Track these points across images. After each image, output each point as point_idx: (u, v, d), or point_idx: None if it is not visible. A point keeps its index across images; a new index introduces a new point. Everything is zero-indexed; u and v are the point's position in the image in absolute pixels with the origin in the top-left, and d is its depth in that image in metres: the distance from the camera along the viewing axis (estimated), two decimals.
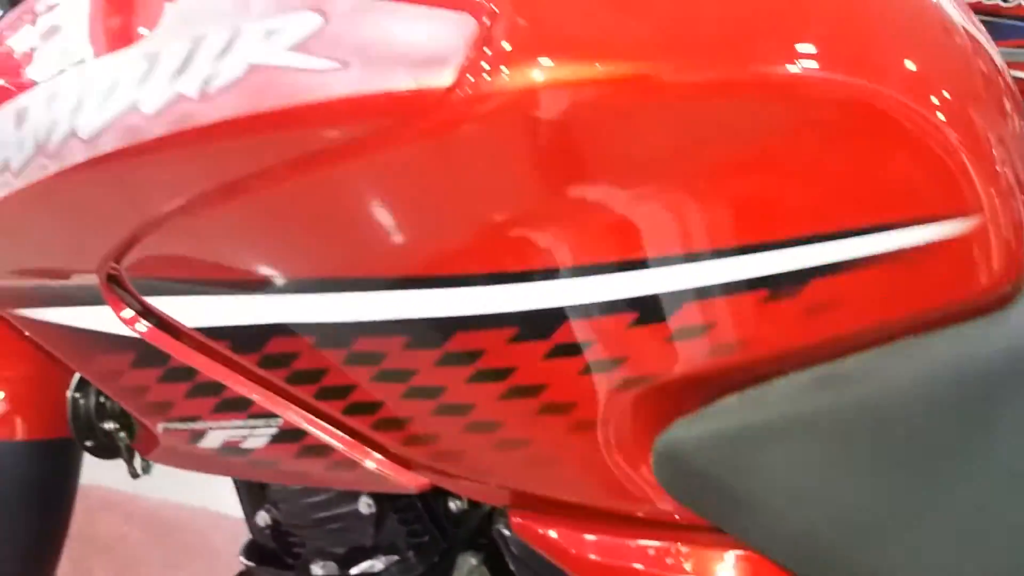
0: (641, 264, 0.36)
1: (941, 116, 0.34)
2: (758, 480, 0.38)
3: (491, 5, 0.31)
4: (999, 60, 0.43)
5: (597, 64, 0.32)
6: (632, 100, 0.32)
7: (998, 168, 0.37)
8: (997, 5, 1.31)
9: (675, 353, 0.37)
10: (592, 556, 0.42)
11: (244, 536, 1.46)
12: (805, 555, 0.39)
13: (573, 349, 0.38)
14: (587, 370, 0.38)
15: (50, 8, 0.40)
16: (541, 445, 0.41)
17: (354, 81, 0.32)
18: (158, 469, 1.09)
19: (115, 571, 1.21)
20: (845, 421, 0.38)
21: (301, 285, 0.41)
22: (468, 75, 0.31)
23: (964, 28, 0.40)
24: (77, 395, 0.64)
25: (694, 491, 0.39)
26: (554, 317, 0.37)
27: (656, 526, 0.43)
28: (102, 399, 0.65)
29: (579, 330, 0.37)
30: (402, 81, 0.31)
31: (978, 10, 1.35)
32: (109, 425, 0.64)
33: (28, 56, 0.39)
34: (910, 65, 0.35)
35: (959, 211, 0.35)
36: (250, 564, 0.69)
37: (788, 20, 0.34)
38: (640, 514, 0.42)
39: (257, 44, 0.32)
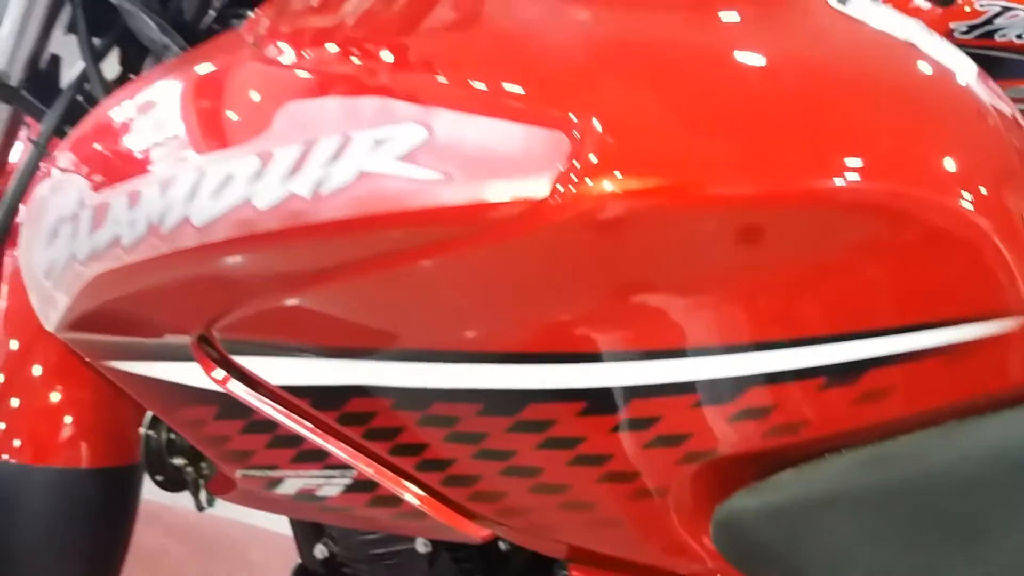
0: (710, 351, 0.38)
1: (984, 220, 0.37)
2: (810, 551, 0.41)
3: (581, 124, 0.34)
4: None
5: (671, 179, 0.35)
6: (701, 210, 0.35)
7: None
8: (1011, 42, 1.33)
9: (737, 431, 0.40)
10: None
11: (280, 550, 1.49)
12: None
13: (639, 424, 0.41)
14: (652, 444, 0.41)
15: (157, 97, 0.44)
16: (604, 509, 0.44)
17: (456, 192, 0.35)
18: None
19: None
20: (891, 499, 0.40)
21: (384, 354, 0.44)
22: (560, 187, 0.34)
23: (995, 108, 0.42)
24: (150, 432, 0.68)
25: (751, 559, 0.42)
26: (623, 395, 0.40)
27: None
28: (172, 436, 0.68)
29: (646, 408, 0.40)
30: (500, 193, 0.34)
31: (993, 47, 1.37)
32: (178, 461, 0.68)
33: (139, 142, 0.43)
34: (949, 167, 0.38)
35: (1004, 312, 0.37)
36: None
37: (837, 135, 0.36)
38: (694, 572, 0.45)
39: (367, 153, 0.35)
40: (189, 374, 0.49)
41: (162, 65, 0.49)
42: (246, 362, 0.48)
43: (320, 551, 0.68)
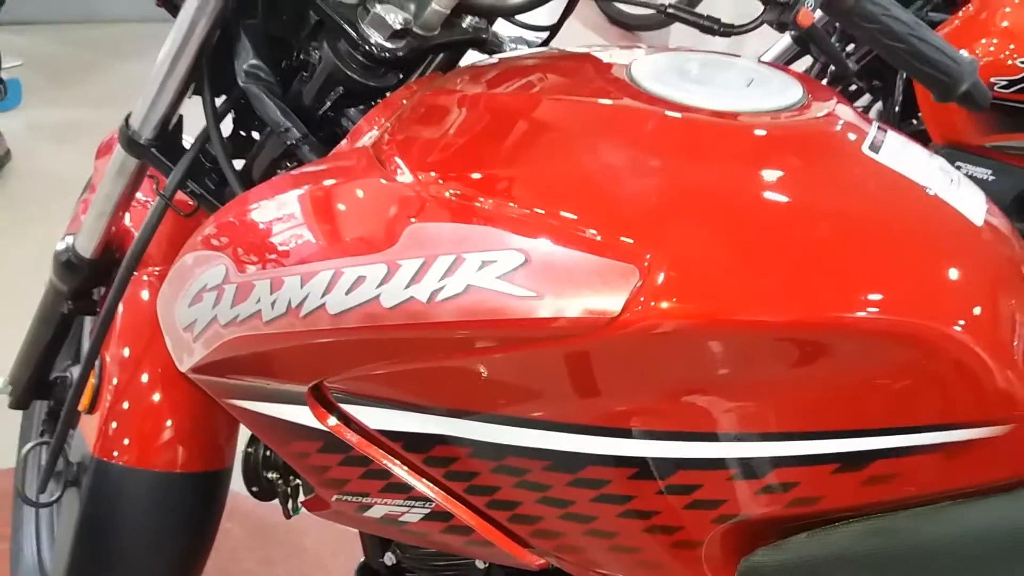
0: (745, 438, 0.47)
1: (979, 347, 0.44)
2: None
3: (650, 258, 0.43)
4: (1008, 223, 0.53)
5: (717, 307, 0.43)
6: (739, 332, 0.44)
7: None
8: None
9: (762, 501, 0.48)
10: None
11: (331, 538, 1.60)
12: None
13: (683, 490, 0.49)
14: (691, 505, 0.49)
15: (298, 201, 0.53)
16: (647, 553, 0.53)
17: (545, 307, 0.43)
18: None
19: (219, 561, 1.36)
20: (890, 563, 0.48)
21: (467, 414, 0.52)
22: (630, 307, 0.43)
23: (999, 239, 0.50)
24: (249, 450, 0.78)
25: None
26: (672, 465, 0.49)
27: None
28: (268, 453, 0.78)
29: (689, 477, 0.48)
30: (581, 311, 0.43)
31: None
32: (272, 475, 0.77)
33: (282, 238, 0.52)
34: (950, 301, 0.45)
35: (993, 420, 0.45)
36: None
37: (858, 274, 0.44)
38: None
39: (474, 271, 0.44)
40: (300, 415, 0.58)
41: (299, 171, 0.57)
42: (350, 409, 0.57)
43: (388, 558, 0.77)
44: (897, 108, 1.52)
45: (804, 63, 1.59)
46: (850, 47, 1.61)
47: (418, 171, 0.49)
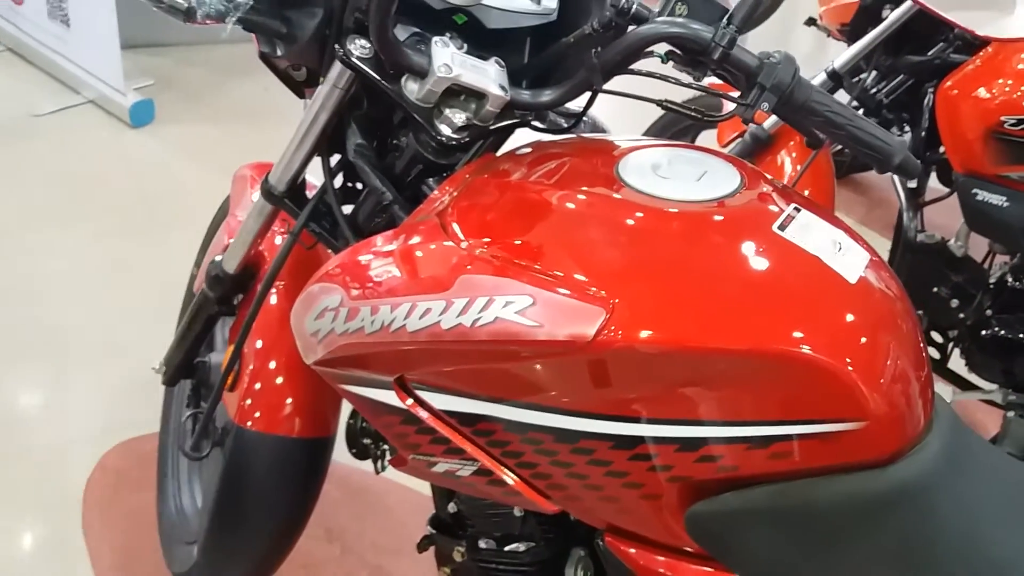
0: (687, 423, 0.68)
1: (852, 372, 0.64)
2: (743, 545, 0.71)
3: (612, 303, 0.65)
4: (890, 280, 0.73)
5: (666, 335, 0.65)
6: (676, 352, 0.65)
7: (887, 386, 0.66)
8: None
9: (699, 468, 0.70)
10: (645, 562, 0.76)
11: (410, 501, 1.87)
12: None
13: (644, 458, 0.71)
14: (650, 470, 0.71)
15: (389, 253, 0.77)
16: (624, 504, 0.75)
17: (544, 333, 0.66)
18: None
19: (319, 516, 1.64)
20: (790, 519, 0.69)
21: (500, 400, 0.75)
22: (599, 334, 0.65)
23: (877, 289, 0.70)
24: (351, 421, 1.04)
25: (706, 541, 0.72)
26: (634, 441, 0.71)
27: (690, 555, 0.75)
28: (364, 424, 1.04)
29: (647, 449, 0.70)
30: (567, 336, 0.66)
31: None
32: (366, 440, 1.03)
33: (378, 277, 0.77)
34: (829, 339, 0.65)
35: (854, 418, 0.66)
36: (434, 532, 1.07)
37: (749, 316, 0.65)
38: (682, 547, 0.75)
39: (500, 308, 0.68)
40: (389, 397, 0.82)
41: (390, 232, 0.82)
42: (422, 394, 0.81)
43: (452, 507, 1.02)
44: (923, 135, 1.67)
45: None
46: (880, 84, 1.77)
47: (469, 237, 0.73)
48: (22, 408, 1.77)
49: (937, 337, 1.85)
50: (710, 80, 0.87)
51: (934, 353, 1.85)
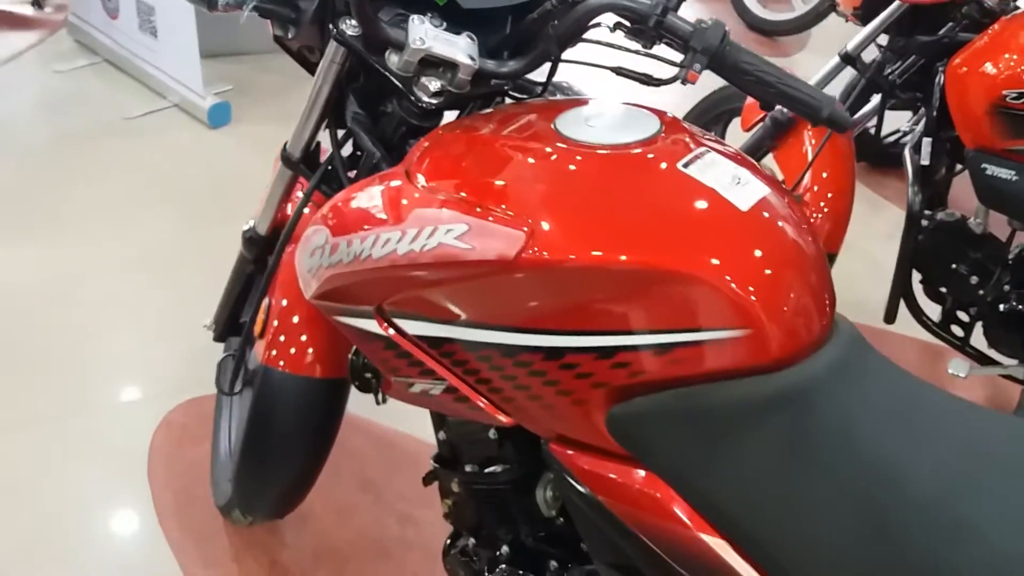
0: (598, 333, 0.79)
1: (732, 280, 0.74)
2: (650, 439, 0.81)
3: (530, 224, 0.77)
4: (789, 211, 0.81)
5: (568, 253, 0.76)
6: (585, 268, 0.76)
7: (771, 298, 0.75)
8: None
9: (614, 374, 0.80)
10: (580, 463, 0.86)
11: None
12: (678, 472, 0.80)
13: (569, 367, 0.82)
14: (576, 377, 0.82)
15: (367, 195, 0.91)
16: (559, 410, 0.85)
17: (478, 253, 0.79)
18: (389, 413, 1.63)
19: (357, 469, 1.79)
20: (693, 418, 0.79)
21: (455, 323, 0.88)
22: (520, 253, 0.77)
23: (757, 207, 0.78)
24: (354, 357, 1.18)
25: (625, 441, 0.82)
26: (561, 352, 0.82)
27: (616, 456, 0.85)
28: (366, 360, 1.18)
29: (571, 359, 0.81)
30: (495, 255, 0.78)
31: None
32: (368, 375, 1.17)
33: (355, 217, 0.91)
34: (710, 254, 0.75)
35: (740, 326, 0.75)
36: (436, 466, 1.19)
37: (645, 236, 0.75)
38: (609, 449, 0.85)
39: (442, 234, 0.80)
40: (371, 326, 0.96)
41: (372, 177, 0.96)
42: (398, 321, 0.93)
43: (442, 435, 1.15)
44: (935, 114, 1.71)
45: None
46: (894, 65, 1.81)
47: (424, 180, 0.86)
48: (102, 370, 2.00)
49: (962, 315, 1.87)
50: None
51: (957, 331, 1.87)
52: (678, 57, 0.94)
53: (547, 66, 1.04)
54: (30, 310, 2.15)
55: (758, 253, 0.77)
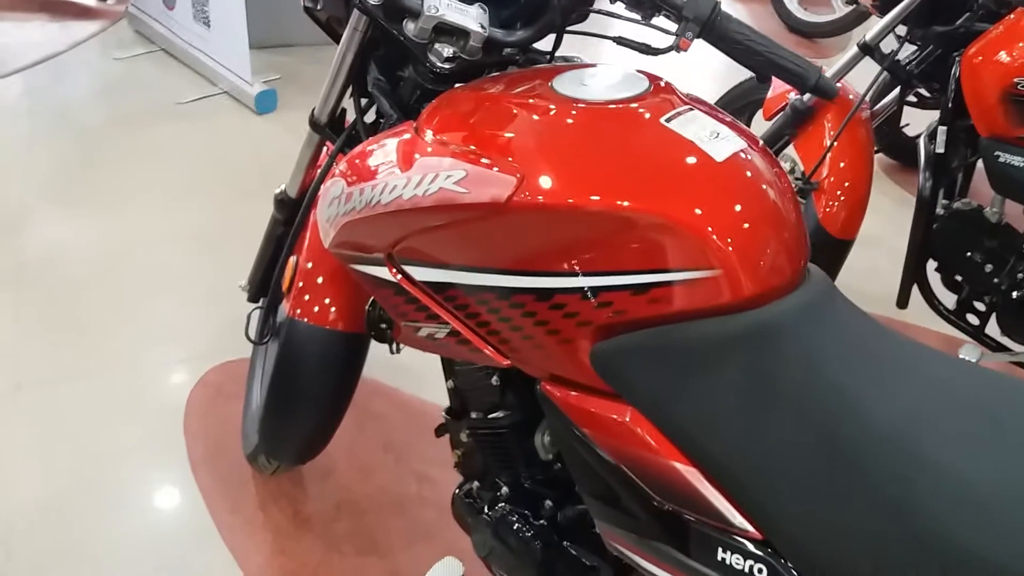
0: (583, 275, 0.86)
1: (703, 223, 0.81)
2: (630, 374, 0.87)
3: (522, 170, 0.84)
4: (764, 164, 0.87)
5: (560, 196, 0.83)
6: (574, 211, 0.83)
7: (740, 242, 0.81)
8: None
9: (597, 314, 0.87)
10: (568, 400, 0.93)
11: None
12: (655, 405, 0.86)
13: (557, 307, 0.89)
14: (563, 317, 0.89)
15: (381, 149, 1.00)
16: (549, 349, 0.92)
17: (474, 197, 0.86)
18: (412, 383, 1.72)
19: (381, 431, 1.88)
20: (669, 354, 0.85)
21: (456, 267, 0.95)
22: (514, 196, 0.85)
23: (732, 159, 0.85)
24: (370, 308, 1.27)
25: (608, 377, 0.88)
26: (551, 292, 0.89)
27: (601, 392, 0.92)
28: (381, 312, 1.26)
29: (559, 300, 0.88)
30: (491, 198, 0.85)
31: None
32: (383, 325, 1.26)
33: (367, 167, 0.99)
34: (688, 200, 0.81)
35: (712, 267, 0.81)
36: (447, 417, 1.27)
37: (630, 182, 0.82)
38: (594, 386, 0.92)
39: (443, 180, 0.88)
40: (382, 272, 1.04)
41: (383, 132, 1.04)
42: (406, 267, 1.02)
43: (450, 384, 1.22)
44: (951, 103, 1.74)
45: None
46: (912, 56, 1.85)
47: (429, 133, 0.95)
48: (149, 333, 2.12)
49: (978, 305, 1.89)
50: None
51: (972, 319, 1.89)
52: (674, 28, 1.01)
53: (554, 38, 1.12)
54: (87, 276, 2.29)
55: (730, 200, 0.83)
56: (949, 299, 1.93)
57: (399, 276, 1.02)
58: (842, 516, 0.74)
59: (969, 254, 1.81)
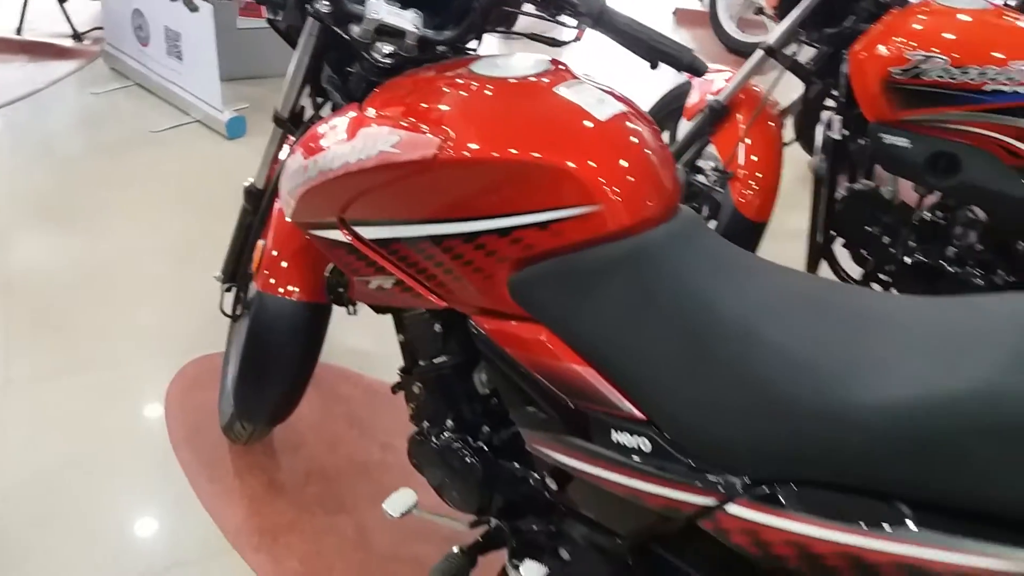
0: (495, 217, 1.05)
1: (588, 166, 1.00)
2: (539, 299, 1.06)
3: (445, 132, 1.04)
4: (642, 125, 1.07)
5: (473, 150, 1.03)
6: (481, 163, 1.03)
7: (616, 181, 1.01)
8: (935, 80, 1.79)
9: (511, 249, 1.06)
10: (494, 327, 1.12)
11: None
12: (559, 322, 1.05)
13: (481, 246, 1.08)
14: (487, 254, 1.08)
15: (331, 127, 1.19)
16: (475, 285, 1.11)
17: (407, 156, 1.06)
18: (376, 369, 1.90)
19: (346, 410, 2.05)
20: (571, 279, 1.04)
21: (392, 222, 1.14)
22: (438, 154, 1.04)
23: (613, 119, 1.05)
24: (328, 275, 1.45)
25: (522, 303, 1.07)
26: (474, 235, 1.08)
27: (520, 317, 1.10)
28: (337, 277, 1.45)
29: (483, 240, 1.07)
30: (420, 155, 1.05)
31: (922, 84, 1.86)
32: (340, 289, 1.44)
33: (318, 142, 1.19)
34: (572, 149, 1.01)
35: (594, 202, 1.01)
36: (402, 375, 1.45)
37: (524, 135, 1.02)
38: (514, 313, 1.11)
39: (381, 143, 1.08)
40: (336, 234, 1.22)
41: (334, 113, 1.24)
42: (356, 228, 1.20)
43: (400, 338, 1.41)
44: (844, 96, 1.97)
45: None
46: (811, 57, 2.09)
47: (371, 110, 1.14)
48: (131, 334, 2.28)
49: (882, 276, 2.11)
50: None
51: (878, 288, 2.11)
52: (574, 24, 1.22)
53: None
54: (71, 286, 2.45)
55: (610, 149, 1.04)
56: (856, 272, 2.15)
57: (350, 236, 1.20)
58: (702, 391, 0.93)
59: (870, 229, 2.03)
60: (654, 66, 1.29)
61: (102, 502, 1.76)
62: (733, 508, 0.89)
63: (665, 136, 2.56)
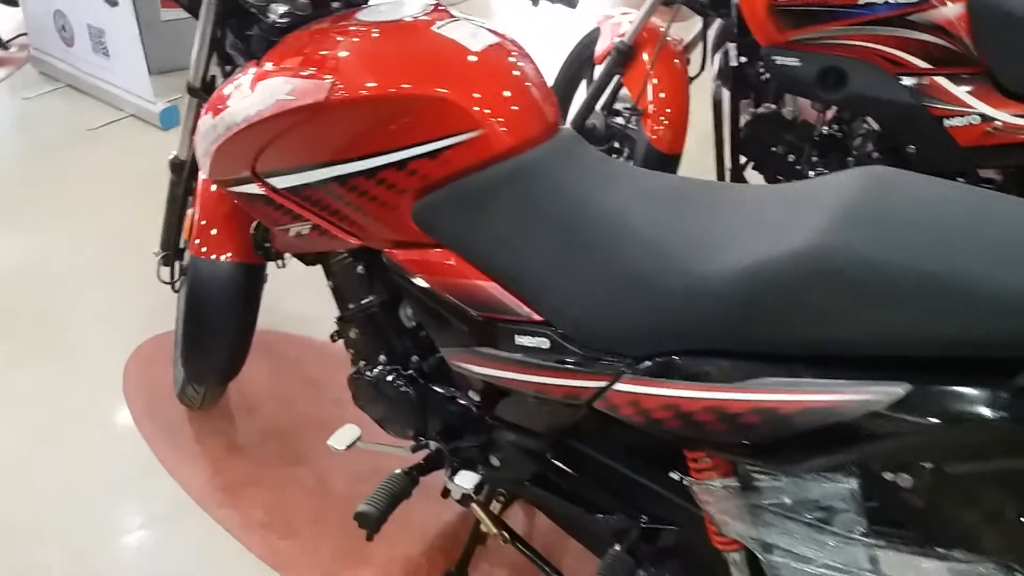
0: (388, 152, 1.14)
1: (469, 95, 1.10)
2: (440, 223, 1.15)
3: (334, 75, 1.13)
4: (516, 54, 1.17)
5: (356, 90, 1.12)
6: (366, 100, 1.12)
7: (495, 107, 1.10)
8: None
9: (410, 180, 1.15)
10: (405, 257, 1.21)
11: None
12: (460, 242, 1.15)
13: (380, 182, 1.17)
14: (388, 188, 1.17)
15: (235, 84, 1.27)
16: (384, 221, 1.20)
17: (302, 101, 1.14)
18: (323, 332, 1.93)
19: (297, 372, 2.14)
20: (459, 202, 1.14)
21: (300, 168, 1.22)
22: (330, 95, 1.13)
23: (486, 50, 1.15)
24: (253, 232, 1.53)
25: (427, 229, 1.17)
26: (374, 171, 1.17)
27: (428, 245, 1.20)
28: (262, 232, 1.53)
29: (379, 176, 1.16)
30: (314, 99, 1.13)
31: (811, 3, 1.97)
32: (266, 244, 1.52)
33: (224, 100, 1.27)
34: (449, 79, 1.10)
35: (475, 128, 1.10)
36: (338, 323, 1.54)
37: (405, 70, 1.11)
38: (422, 241, 1.20)
39: (278, 93, 1.16)
40: (252, 188, 1.31)
41: (236, 71, 1.32)
42: (268, 179, 1.29)
43: (330, 284, 1.49)
44: (735, 25, 2.08)
45: None
46: None
47: (268, 64, 1.23)
48: (84, 319, 2.35)
49: None
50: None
51: None
52: None
53: None
54: (24, 281, 2.51)
55: (486, 76, 1.13)
56: None
57: (264, 188, 1.29)
58: (583, 286, 1.04)
59: (775, 150, 2.15)
60: (535, 3, 1.38)
61: (71, 474, 1.83)
62: (619, 385, 1.00)
63: (584, 86, 2.66)
